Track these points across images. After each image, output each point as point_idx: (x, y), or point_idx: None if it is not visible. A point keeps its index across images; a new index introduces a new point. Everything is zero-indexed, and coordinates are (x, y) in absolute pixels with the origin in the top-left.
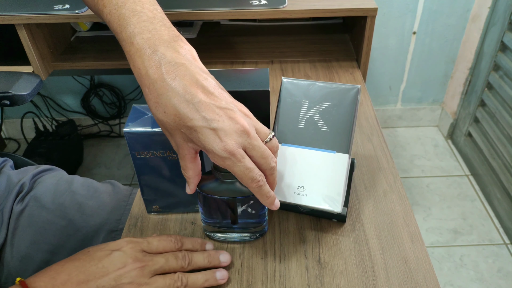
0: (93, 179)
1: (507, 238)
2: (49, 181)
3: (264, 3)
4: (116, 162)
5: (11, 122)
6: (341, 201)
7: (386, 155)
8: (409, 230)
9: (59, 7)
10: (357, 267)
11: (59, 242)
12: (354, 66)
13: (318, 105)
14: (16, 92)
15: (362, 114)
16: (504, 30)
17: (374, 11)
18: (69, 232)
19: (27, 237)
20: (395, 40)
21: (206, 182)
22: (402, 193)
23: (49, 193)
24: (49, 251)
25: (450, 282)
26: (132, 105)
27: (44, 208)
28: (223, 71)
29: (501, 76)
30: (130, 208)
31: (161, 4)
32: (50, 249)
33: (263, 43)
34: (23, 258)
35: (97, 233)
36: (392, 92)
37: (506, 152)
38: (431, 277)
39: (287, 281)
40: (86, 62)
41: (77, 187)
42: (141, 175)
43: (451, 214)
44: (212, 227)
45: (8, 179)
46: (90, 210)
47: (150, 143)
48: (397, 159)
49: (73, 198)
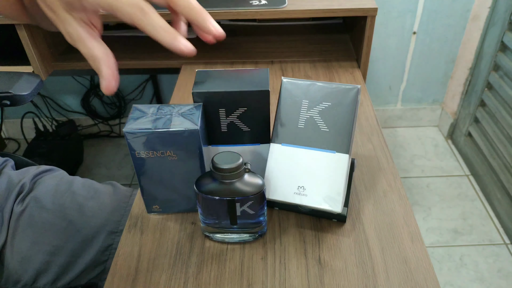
0: (93, 179)
1: (507, 238)
2: (49, 182)
3: (264, 3)
4: (116, 162)
5: (11, 122)
6: (341, 201)
7: (386, 155)
8: (409, 230)
9: None
10: (357, 267)
11: (59, 243)
12: (354, 66)
13: (318, 105)
14: (16, 92)
15: (362, 114)
16: (504, 30)
17: (374, 11)
18: (69, 233)
19: (27, 238)
20: (395, 40)
21: (205, 183)
22: (402, 193)
23: (50, 194)
24: (49, 252)
25: (450, 282)
26: (132, 105)
27: (44, 209)
28: (223, 71)
29: (501, 76)
30: (130, 210)
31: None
32: (50, 250)
33: (263, 43)
34: (23, 259)
35: (97, 234)
36: (392, 92)
37: (506, 152)
38: (431, 277)
39: (287, 281)
40: (86, 62)
41: (77, 188)
42: (141, 175)
43: (451, 214)
44: (212, 228)
45: (9, 179)
46: (90, 211)
47: (150, 143)
48: (397, 159)
49: (73, 199)
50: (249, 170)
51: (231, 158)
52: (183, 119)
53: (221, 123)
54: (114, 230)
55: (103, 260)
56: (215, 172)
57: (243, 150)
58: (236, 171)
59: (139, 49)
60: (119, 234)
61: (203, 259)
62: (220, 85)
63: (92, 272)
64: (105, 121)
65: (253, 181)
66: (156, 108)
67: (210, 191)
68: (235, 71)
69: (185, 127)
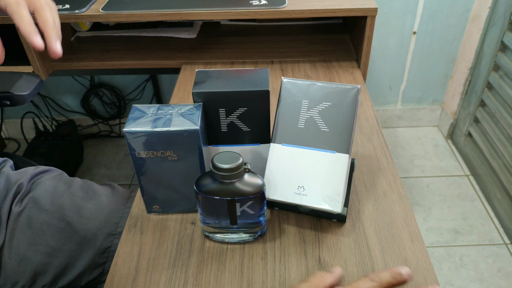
0: (93, 179)
1: (507, 238)
2: (47, 183)
3: (264, 3)
4: (116, 162)
5: (11, 122)
6: (341, 201)
7: (386, 155)
8: (409, 230)
9: (59, 7)
10: (357, 267)
11: (57, 244)
12: (354, 66)
13: (318, 105)
14: (16, 92)
15: (362, 114)
16: (504, 30)
17: (374, 11)
18: (67, 234)
19: (25, 239)
20: (395, 40)
21: (205, 183)
22: (402, 193)
23: (48, 195)
24: (47, 253)
25: (450, 282)
26: (132, 105)
27: (43, 210)
28: (223, 71)
29: (501, 76)
30: (129, 211)
31: (161, 5)
32: (48, 251)
33: (263, 43)
34: (21, 260)
35: (95, 236)
36: (392, 92)
37: (506, 152)
38: (431, 277)
39: (287, 281)
40: (86, 62)
41: (76, 189)
42: (141, 175)
43: (451, 214)
44: (212, 228)
45: (7, 179)
46: (89, 212)
47: (150, 143)
48: (397, 159)
49: (72, 200)
50: (249, 170)
51: (231, 158)
52: (183, 119)
53: (221, 123)
54: (112, 232)
55: (101, 262)
56: (215, 172)
57: (243, 150)
58: (236, 171)
59: (139, 49)
60: (117, 236)
61: (203, 259)
62: (220, 85)
63: (91, 274)
64: (105, 121)
65: (253, 181)
66: (156, 108)
67: (210, 191)
68: (235, 71)
69: (185, 127)
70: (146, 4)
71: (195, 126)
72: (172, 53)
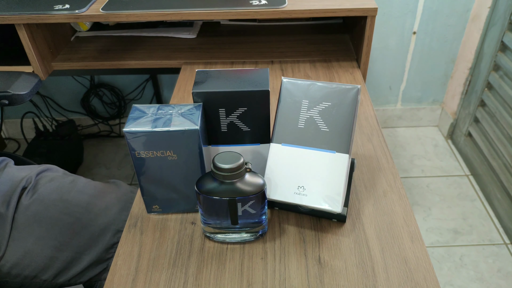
0: (94, 179)
1: (507, 238)
2: (55, 179)
3: (264, 3)
4: (116, 162)
5: (11, 122)
6: (341, 201)
7: (386, 155)
8: (409, 230)
9: (59, 7)
10: (357, 267)
11: (65, 239)
12: (354, 66)
13: (318, 105)
14: (14, 91)
15: (362, 114)
16: (504, 30)
17: (374, 11)
18: (76, 229)
19: (32, 233)
20: (395, 40)
21: (206, 183)
22: (402, 193)
23: (56, 191)
24: (55, 247)
25: (450, 282)
26: (132, 105)
27: (51, 205)
28: (223, 71)
29: (501, 76)
30: None
31: (162, 4)
32: (56, 245)
33: (263, 43)
34: (26, 253)
35: (103, 232)
36: (392, 92)
37: (506, 152)
38: (431, 277)
39: (287, 281)
40: (86, 62)
41: (83, 186)
42: (141, 175)
43: (451, 214)
44: (212, 228)
45: (12, 175)
46: (98, 209)
47: (150, 143)
48: (397, 159)
49: (80, 197)
50: (250, 170)
51: (232, 158)
52: (183, 119)
53: (221, 123)
54: (120, 229)
55: (107, 257)
56: (216, 172)
57: (243, 150)
58: (237, 171)
59: (139, 49)
60: None
61: (203, 259)
62: (220, 85)
63: (94, 269)
64: (105, 121)
65: (254, 180)
66: (156, 108)
67: (211, 192)
68: (235, 71)
69: (185, 127)
70: (146, 4)
71: (195, 126)
72: (172, 53)
